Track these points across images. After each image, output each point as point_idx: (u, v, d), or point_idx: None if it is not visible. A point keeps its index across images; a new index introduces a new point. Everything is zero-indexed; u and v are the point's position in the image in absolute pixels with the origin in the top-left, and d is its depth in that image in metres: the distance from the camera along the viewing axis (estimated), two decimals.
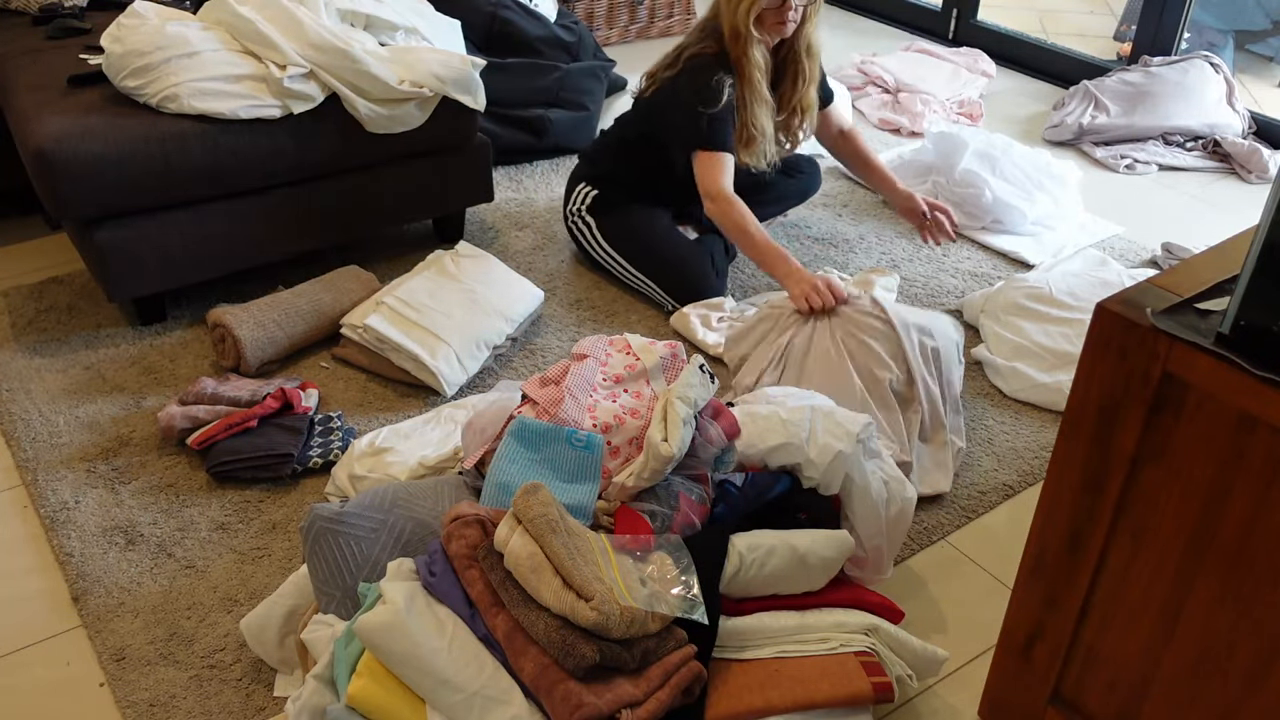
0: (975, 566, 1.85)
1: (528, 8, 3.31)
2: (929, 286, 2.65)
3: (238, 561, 1.81)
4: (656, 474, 1.56)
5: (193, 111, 2.21)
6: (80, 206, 2.17)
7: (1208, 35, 4.48)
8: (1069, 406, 1.23)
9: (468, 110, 2.53)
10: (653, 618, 1.35)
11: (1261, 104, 4.02)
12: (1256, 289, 1.05)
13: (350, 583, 1.49)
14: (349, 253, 2.69)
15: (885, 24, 4.55)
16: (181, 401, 2.08)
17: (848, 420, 1.67)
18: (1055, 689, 1.41)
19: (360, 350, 2.26)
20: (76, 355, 2.32)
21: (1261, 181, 3.25)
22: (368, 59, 2.32)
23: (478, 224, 2.88)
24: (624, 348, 1.84)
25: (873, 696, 1.44)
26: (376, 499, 1.58)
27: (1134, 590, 1.26)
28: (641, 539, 1.48)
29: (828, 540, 1.55)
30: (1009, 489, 2.02)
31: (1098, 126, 3.41)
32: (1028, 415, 2.21)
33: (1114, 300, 1.17)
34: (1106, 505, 1.24)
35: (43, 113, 2.19)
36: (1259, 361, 1.05)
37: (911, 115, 3.52)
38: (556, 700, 1.28)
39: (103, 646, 1.65)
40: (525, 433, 1.61)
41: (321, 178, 2.45)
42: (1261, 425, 1.07)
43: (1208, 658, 1.21)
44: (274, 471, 1.96)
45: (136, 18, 2.29)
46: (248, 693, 1.58)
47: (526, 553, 1.34)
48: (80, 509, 1.91)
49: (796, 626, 1.49)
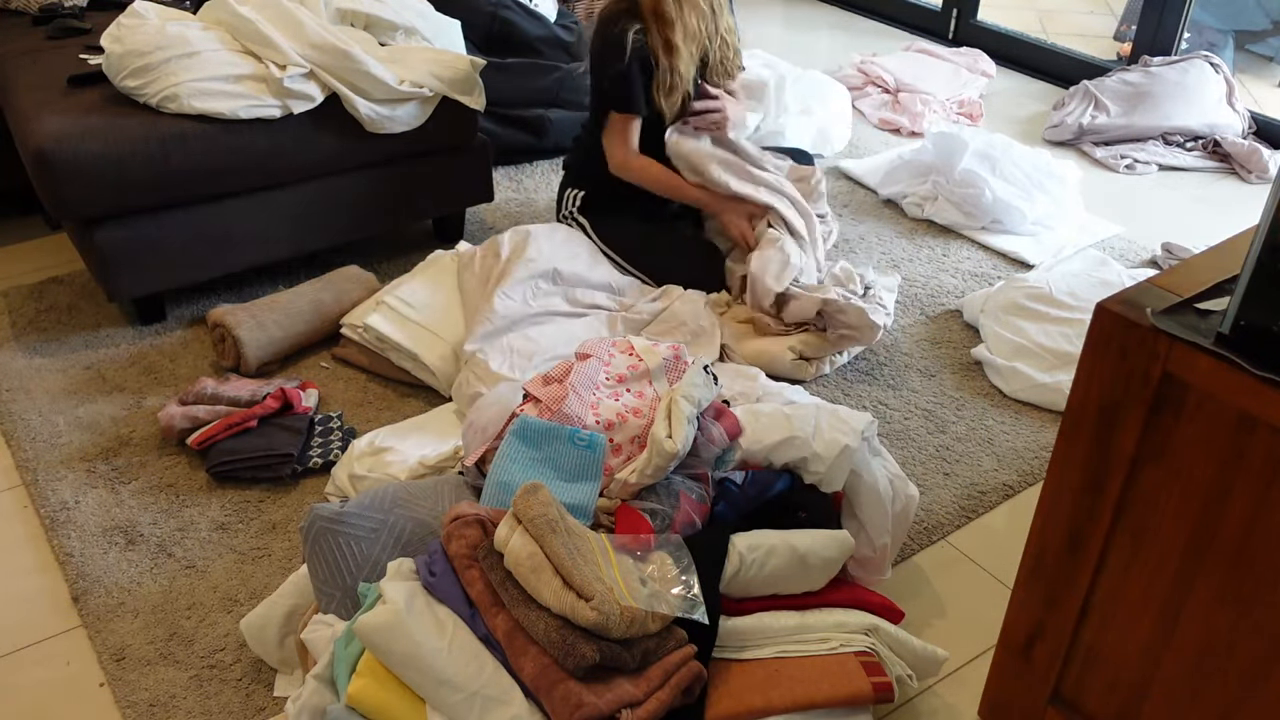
0: (975, 566, 1.85)
1: (528, 8, 3.31)
2: (929, 286, 2.65)
3: (238, 561, 1.81)
4: (660, 470, 1.56)
5: (193, 111, 2.21)
6: (80, 206, 2.17)
7: (1208, 35, 4.48)
8: (1069, 406, 1.23)
9: (468, 110, 2.53)
10: (653, 618, 1.35)
11: (1261, 104, 4.02)
12: (1256, 289, 1.05)
13: (350, 583, 1.49)
14: (349, 253, 2.69)
15: (885, 24, 4.55)
16: (181, 401, 2.08)
17: (851, 418, 1.67)
18: (1055, 689, 1.41)
19: (360, 350, 2.26)
20: (76, 355, 2.32)
21: (1261, 181, 3.25)
22: (368, 59, 2.32)
23: (478, 224, 2.88)
24: (627, 349, 1.84)
25: (873, 696, 1.44)
26: (376, 499, 1.58)
27: (1134, 590, 1.26)
28: (642, 539, 1.48)
29: (828, 540, 1.55)
30: (1009, 489, 2.02)
31: (1098, 126, 3.41)
32: (1028, 415, 2.21)
33: (1114, 300, 1.17)
34: (1106, 505, 1.24)
35: (43, 113, 2.19)
36: (1259, 361, 1.05)
37: (911, 115, 3.52)
38: (556, 700, 1.29)
39: (103, 646, 1.65)
40: (527, 431, 1.61)
41: (321, 178, 2.45)
42: (1261, 425, 1.07)
43: (1208, 658, 1.21)
44: (274, 471, 1.96)
45: (136, 18, 2.29)
46: (248, 693, 1.58)
47: (526, 553, 1.34)
48: (80, 509, 1.91)
49: (797, 626, 1.49)
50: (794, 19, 4.63)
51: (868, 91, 3.71)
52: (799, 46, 4.28)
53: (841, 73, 3.81)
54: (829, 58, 4.13)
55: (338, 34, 2.34)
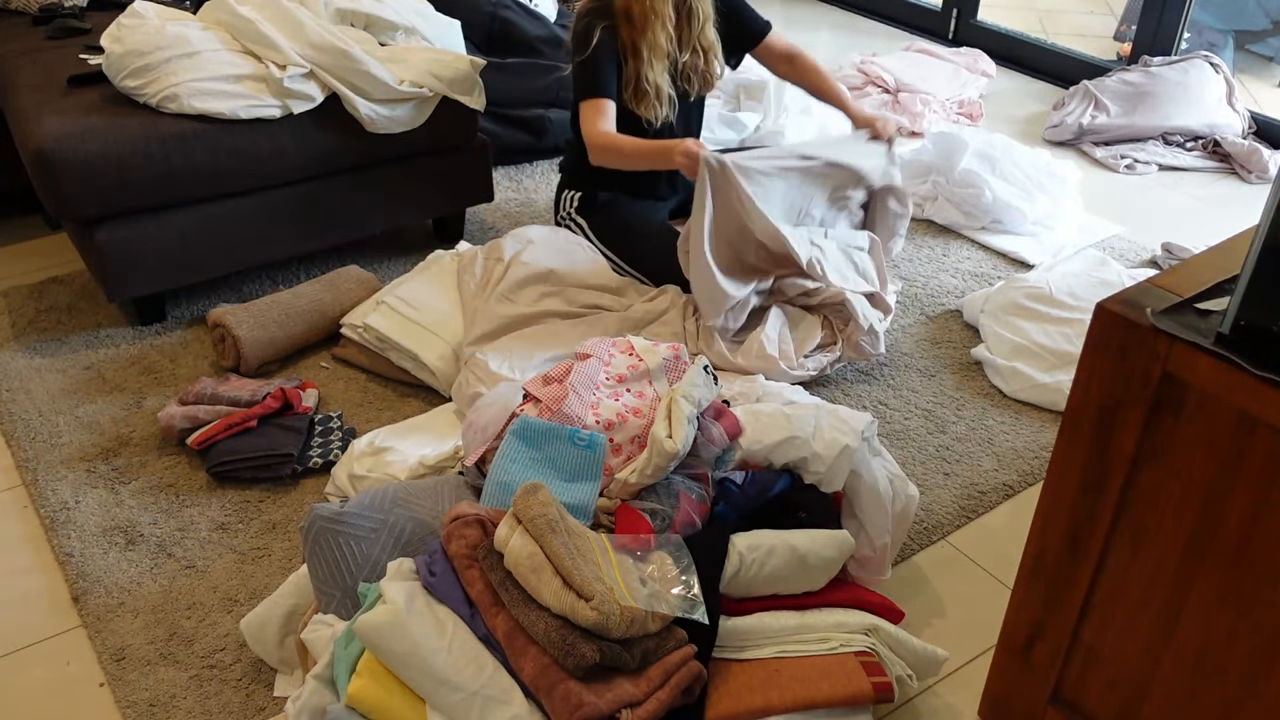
0: (975, 566, 1.85)
1: (528, 8, 3.31)
2: (929, 286, 2.65)
3: (238, 561, 1.81)
4: (660, 470, 1.56)
5: (193, 111, 2.21)
6: (80, 206, 2.17)
7: (1208, 35, 4.48)
8: (1069, 406, 1.23)
9: (468, 110, 2.53)
10: (653, 617, 1.35)
11: (1261, 104, 4.02)
12: (1256, 289, 1.05)
13: (350, 583, 1.49)
14: (349, 253, 2.69)
15: (885, 24, 4.55)
16: (181, 401, 2.08)
17: (851, 418, 1.68)
18: (1055, 689, 1.41)
19: (360, 350, 2.26)
20: (76, 355, 2.32)
21: (1261, 181, 3.25)
22: (368, 59, 2.32)
23: (478, 224, 2.88)
24: (627, 349, 1.84)
25: (873, 696, 1.44)
26: (376, 499, 1.58)
27: (1134, 590, 1.26)
28: (642, 539, 1.48)
29: (828, 540, 1.55)
30: (1009, 489, 2.02)
31: (1098, 126, 3.42)
32: (1028, 415, 2.21)
33: (1114, 300, 1.17)
34: (1106, 505, 1.24)
35: (43, 113, 2.19)
36: (1259, 361, 1.05)
37: (911, 115, 3.52)
38: (556, 700, 1.29)
39: (103, 646, 1.65)
40: (527, 431, 1.61)
41: (321, 178, 2.45)
42: (1261, 425, 1.07)
43: (1208, 657, 1.21)
44: (274, 471, 1.96)
45: (136, 18, 2.29)
46: (248, 693, 1.58)
47: (526, 553, 1.34)
48: (80, 509, 1.91)
49: (797, 626, 1.49)
50: (794, 19, 4.63)
51: (868, 91, 3.71)
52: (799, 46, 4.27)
53: (841, 73, 3.80)
54: (829, 58, 4.13)
55: (338, 34, 2.34)
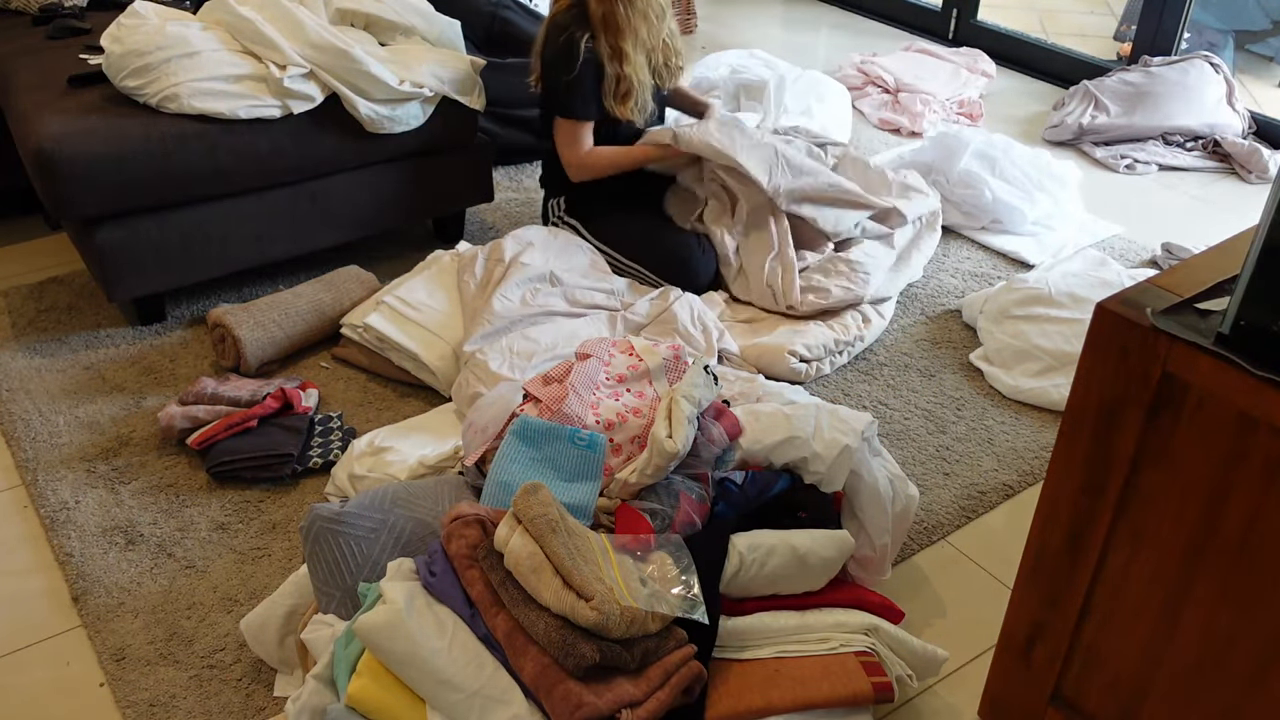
0: (975, 566, 1.85)
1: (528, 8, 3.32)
2: (929, 287, 2.65)
3: (238, 561, 1.81)
4: (660, 470, 1.56)
5: (193, 111, 2.21)
6: (80, 206, 2.17)
7: (1208, 35, 4.48)
8: (1069, 407, 1.23)
9: (468, 110, 2.53)
10: (653, 618, 1.35)
11: (1261, 104, 4.02)
12: (1256, 289, 1.05)
13: (350, 583, 1.49)
14: (349, 253, 2.69)
15: (885, 24, 4.55)
16: (181, 401, 2.08)
17: (851, 418, 1.68)
18: (1055, 689, 1.41)
19: (360, 350, 2.26)
20: (76, 355, 2.32)
21: (1261, 181, 3.25)
22: (368, 59, 2.32)
23: (478, 224, 2.88)
24: (627, 349, 1.84)
25: (873, 696, 1.44)
26: (376, 499, 1.58)
27: (1134, 590, 1.26)
28: (642, 539, 1.48)
29: (828, 540, 1.55)
30: (1009, 489, 2.02)
31: (1098, 126, 3.41)
32: (1028, 415, 2.21)
33: (1114, 300, 1.17)
34: (1106, 506, 1.24)
35: (43, 113, 2.19)
36: (1259, 361, 1.05)
37: (911, 115, 3.52)
38: (556, 700, 1.29)
39: (103, 646, 1.65)
40: (527, 431, 1.61)
41: (321, 178, 2.45)
42: (1261, 425, 1.07)
43: (1208, 657, 1.21)
44: (274, 471, 1.96)
45: (136, 18, 2.29)
46: (248, 693, 1.58)
47: (526, 553, 1.34)
48: (80, 509, 1.91)
49: (797, 626, 1.50)
50: (794, 19, 4.63)
51: (868, 91, 3.71)
52: (799, 46, 4.28)
53: (841, 73, 3.81)
54: (829, 58, 4.13)
55: (338, 34, 2.34)
